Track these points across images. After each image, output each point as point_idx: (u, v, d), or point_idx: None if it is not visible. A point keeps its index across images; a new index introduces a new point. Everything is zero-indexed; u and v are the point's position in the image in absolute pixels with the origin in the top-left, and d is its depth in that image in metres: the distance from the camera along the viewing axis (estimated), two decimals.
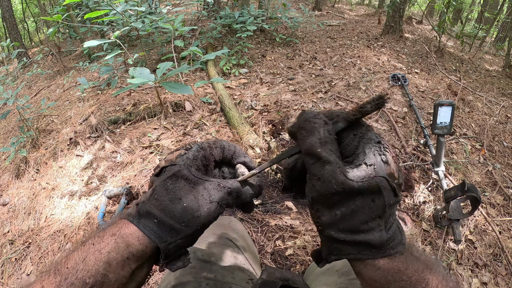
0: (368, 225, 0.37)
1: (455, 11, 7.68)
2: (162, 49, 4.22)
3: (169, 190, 0.42)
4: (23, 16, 9.19)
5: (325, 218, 0.38)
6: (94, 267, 0.37)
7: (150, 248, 0.40)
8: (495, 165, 2.33)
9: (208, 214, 0.42)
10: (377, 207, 0.37)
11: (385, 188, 0.37)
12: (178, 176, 0.43)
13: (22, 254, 1.83)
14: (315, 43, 4.87)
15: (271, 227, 1.74)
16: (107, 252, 0.38)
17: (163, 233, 0.40)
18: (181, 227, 0.40)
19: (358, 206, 0.36)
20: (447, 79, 3.54)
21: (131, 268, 0.39)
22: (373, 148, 0.40)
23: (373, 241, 0.37)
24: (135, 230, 0.40)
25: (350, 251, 0.38)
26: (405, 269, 0.37)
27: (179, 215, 0.40)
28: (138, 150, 2.37)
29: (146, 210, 0.41)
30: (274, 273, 0.84)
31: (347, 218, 0.37)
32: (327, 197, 0.37)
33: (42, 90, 4.28)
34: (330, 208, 0.37)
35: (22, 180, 2.40)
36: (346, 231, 0.37)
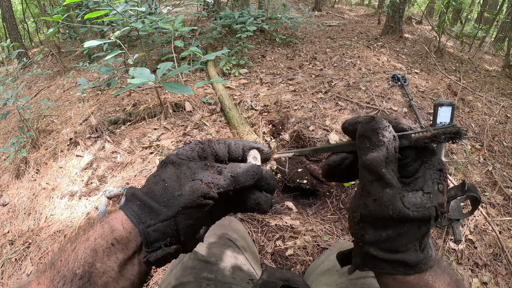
0: (406, 246, 0.38)
1: (454, 11, 7.68)
2: (162, 50, 4.22)
3: (156, 175, 0.41)
4: (23, 17, 9.20)
5: (369, 237, 0.38)
6: (83, 255, 0.35)
7: (134, 236, 0.37)
8: (495, 165, 2.33)
9: (191, 192, 0.38)
10: (421, 233, 0.38)
11: (433, 217, 0.37)
12: (166, 162, 0.42)
13: (22, 254, 1.83)
14: (315, 43, 4.87)
15: (272, 227, 1.74)
16: (94, 238, 0.36)
17: (143, 215, 0.38)
18: (160, 207, 0.38)
19: (405, 231, 0.37)
20: (447, 79, 3.54)
21: (118, 258, 0.37)
22: (433, 175, 0.39)
23: (409, 260, 0.37)
24: (121, 214, 0.39)
25: (385, 267, 0.38)
26: (434, 282, 0.38)
27: (159, 195, 0.38)
28: (138, 150, 2.37)
29: (131, 193, 0.40)
30: (275, 273, 0.84)
31: (390, 240, 0.37)
32: (378, 219, 0.37)
33: (42, 91, 4.28)
34: (376, 229, 0.38)
35: (22, 181, 2.39)
36: (385, 251, 0.38)
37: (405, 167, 0.40)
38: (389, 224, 0.37)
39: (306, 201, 2.03)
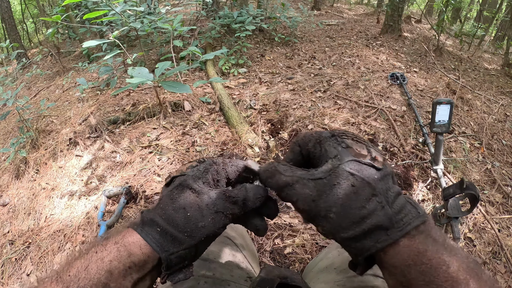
0: (366, 208, 0.36)
1: (454, 10, 7.68)
2: (161, 49, 4.22)
3: (174, 199, 0.42)
4: (22, 17, 9.19)
5: (327, 227, 0.38)
6: (96, 275, 0.36)
7: (152, 258, 0.39)
8: (494, 163, 2.34)
9: (213, 225, 0.41)
10: (361, 189, 0.36)
11: (358, 168, 0.37)
12: (184, 185, 0.43)
13: (22, 254, 1.83)
14: (314, 42, 4.87)
15: (270, 225, 1.74)
16: (109, 260, 0.37)
17: (165, 243, 0.39)
18: (184, 237, 0.39)
19: (343, 197, 0.36)
20: (446, 78, 3.54)
21: (133, 278, 0.38)
22: (331, 142, 0.41)
23: (380, 221, 0.36)
24: (138, 238, 0.39)
25: (368, 244, 0.36)
26: (425, 250, 0.35)
27: (182, 225, 0.40)
28: (138, 150, 2.38)
29: (150, 218, 0.41)
30: (273, 271, 0.84)
31: (342, 214, 0.36)
32: (312, 209, 0.38)
33: (42, 91, 4.28)
34: (324, 216, 0.37)
35: (22, 181, 2.40)
36: (351, 226, 0.36)
37: (315, 160, 0.43)
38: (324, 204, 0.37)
39: None
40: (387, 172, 0.39)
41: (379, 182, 0.37)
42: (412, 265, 0.35)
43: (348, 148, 0.40)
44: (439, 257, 0.35)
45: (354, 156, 0.38)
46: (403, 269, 0.35)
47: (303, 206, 0.38)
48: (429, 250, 0.35)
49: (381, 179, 0.38)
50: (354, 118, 2.63)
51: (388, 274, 0.38)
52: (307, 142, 0.45)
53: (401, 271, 0.36)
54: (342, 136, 0.42)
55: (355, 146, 0.40)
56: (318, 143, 0.43)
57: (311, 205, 0.37)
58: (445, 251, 0.35)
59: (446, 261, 0.34)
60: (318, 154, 0.42)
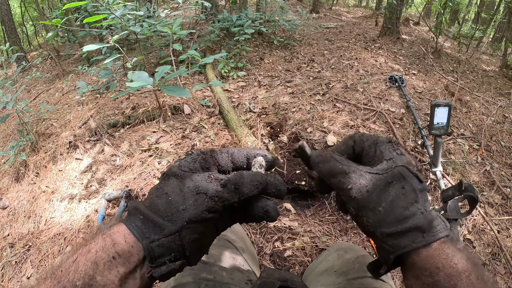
0: (409, 210, 0.39)
1: (452, 12, 7.72)
2: (161, 53, 4.23)
3: (159, 188, 0.41)
4: (22, 20, 9.21)
5: (372, 219, 0.40)
6: (83, 267, 0.35)
7: (137, 249, 0.37)
8: (493, 164, 2.35)
9: (195, 207, 0.38)
10: (409, 192, 0.41)
11: (407, 175, 0.42)
12: (169, 174, 0.42)
13: (22, 257, 1.83)
14: (312, 45, 4.89)
15: (270, 228, 1.74)
16: (95, 251, 0.36)
17: (146, 229, 0.37)
18: (165, 221, 0.37)
19: (393, 195, 0.40)
20: (444, 80, 3.56)
21: (119, 272, 0.36)
22: (387, 147, 0.45)
23: (420, 222, 0.39)
24: (123, 228, 0.38)
25: (405, 242, 0.39)
26: (453, 256, 0.38)
27: (163, 209, 0.38)
28: (137, 153, 2.38)
29: (133, 206, 0.40)
30: (273, 274, 0.85)
31: (389, 210, 0.40)
32: (365, 199, 0.41)
33: (41, 94, 4.29)
34: (373, 209, 0.40)
35: (22, 184, 2.40)
36: (394, 223, 0.39)
37: (367, 158, 0.47)
38: (376, 197, 0.40)
39: (304, 203, 2.04)
40: (426, 187, 0.43)
41: (420, 192, 0.42)
42: (441, 268, 0.37)
43: (402, 156, 0.44)
44: (463, 263, 0.37)
45: (406, 164, 0.43)
46: (432, 271, 0.38)
47: (356, 194, 0.41)
48: (456, 256, 0.38)
49: (422, 191, 0.42)
50: (353, 121, 2.64)
51: (415, 276, 0.40)
52: (364, 140, 0.48)
53: (430, 273, 0.38)
54: (398, 144, 0.46)
55: (407, 156, 0.45)
56: (375, 144, 0.46)
57: (364, 195, 0.41)
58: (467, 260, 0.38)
59: (469, 268, 0.37)
60: (372, 154, 0.46)
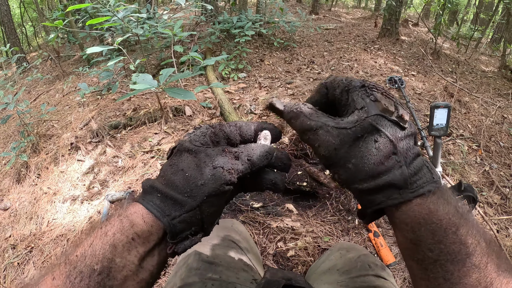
0: (384, 165, 0.36)
1: (450, 13, 7.76)
2: (161, 54, 4.25)
3: (173, 164, 0.40)
4: (21, 21, 9.22)
5: (343, 176, 0.38)
6: (101, 251, 0.34)
7: (156, 228, 0.37)
8: (492, 165, 2.37)
9: (214, 181, 0.38)
10: (384, 144, 0.37)
11: (383, 124, 0.37)
12: (181, 150, 0.41)
13: (24, 258, 1.84)
14: (312, 47, 4.91)
15: (273, 229, 1.76)
16: (112, 233, 0.35)
17: (166, 207, 0.37)
18: (184, 198, 0.37)
19: (364, 150, 0.37)
20: (443, 81, 3.58)
21: (138, 252, 0.36)
22: (360, 93, 0.40)
23: (395, 179, 0.36)
24: (140, 208, 0.37)
25: (380, 199, 0.37)
26: (436, 210, 0.35)
27: (181, 186, 0.38)
28: (139, 154, 2.39)
29: (149, 185, 0.39)
30: (277, 273, 0.86)
31: (360, 167, 0.37)
32: (333, 157, 0.38)
33: (42, 95, 4.30)
34: (342, 166, 0.38)
35: (23, 185, 2.41)
36: (367, 179, 0.37)
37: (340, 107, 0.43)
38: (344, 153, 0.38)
39: (306, 203, 2.05)
40: (411, 132, 0.39)
41: (401, 141, 0.38)
42: (423, 223, 0.35)
43: (376, 102, 0.39)
44: (449, 218, 0.35)
45: (381, 111, 0.38)
46: (413, 226, 0.36)
47: (323, 152, 0.39)
48: (440, 211, 0.35)
49: (404, 138, 0.38)
50: None
51: (398, 229, 0.38)
52: (335, 87, 0.44)
53: (411, 228, 0.36)
54: (372, 88, 0.41)
55: (384, 101, 0.39)
56: (346, 91, 0.42)
57: (332, 153, 0.38)
58: (456, 214, 0.35)
59: (456, 223, 0.35)
60: (345, 102, 0.42)
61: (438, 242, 0.34)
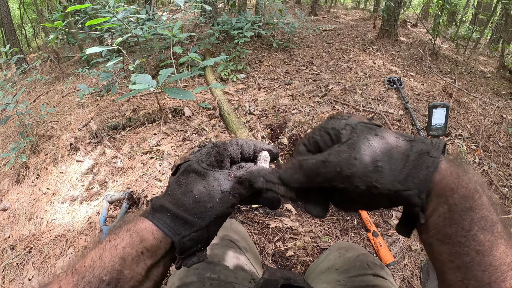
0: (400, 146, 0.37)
1: (449, 14, 7.78)
2: (161, 55, 4.25)
3: (181, 184, 0.43)
4: (21, 22, 9.22)
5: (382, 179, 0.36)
6: (110, 263, 0.36)
7: (164, 243, 0.40)
8: (490, 164, 2.37)
9: (221, 204, 0.42)
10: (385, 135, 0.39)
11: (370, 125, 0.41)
12: (189, 170, 0.44)
13: (23, 259, 1.84)
14: (311, 48, 4.92)
15: (272, 229, 1.76)
16: (122, 247, 0.38)
17: (176, 226, 0.40)
18: (195, 219, 0.40)
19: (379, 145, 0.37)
20: (442, 81, 3.59)
21: (146, 264, 0.39)
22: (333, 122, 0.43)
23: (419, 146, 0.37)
24: (150, 225, 0.40)
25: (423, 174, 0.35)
26: (462, 175, 0.35)
27: (191, 207, 0.41)
28: (139, 155, 2.40)
29: (159, 204, 0.42)
30: (276, 273, 0.86)
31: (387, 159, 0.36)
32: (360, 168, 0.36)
33: (41, 96, 4.30)
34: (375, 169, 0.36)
35: (23, 186, 2.41)
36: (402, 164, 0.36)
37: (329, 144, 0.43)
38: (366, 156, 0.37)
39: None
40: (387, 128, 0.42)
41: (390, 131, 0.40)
42: (455, 189, 0.34)
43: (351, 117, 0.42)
44: (473, 183, 0.35)
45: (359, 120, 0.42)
46: (447, 195, 0.35)
47: (349, 170, 0.36)
48: (464, 175, 0.35)
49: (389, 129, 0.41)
50: None
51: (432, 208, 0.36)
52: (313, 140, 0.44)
53: (445, 199, 0.35)
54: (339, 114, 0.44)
55: (355, 114, 0.44)
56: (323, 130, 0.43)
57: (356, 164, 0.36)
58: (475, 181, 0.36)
59: (478, 189, 0.35)
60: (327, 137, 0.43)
61: (469, 209, 0.34)
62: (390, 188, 0.35)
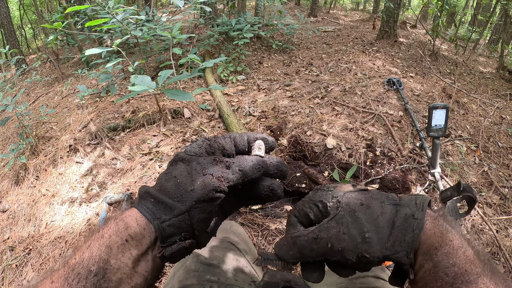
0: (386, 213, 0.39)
1: (448, 15, 7.79)
2: (160, 57, 4.25)
3: (167, 172, 0.43)
4: (21, 23, 9.23)
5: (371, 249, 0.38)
6: (97, 252, 0.36)
7: (148, 231, 0.39)
8: (490, 165, 2.37)
9: (203, 187, 0.40)
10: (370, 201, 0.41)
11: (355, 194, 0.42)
12: (176, 159, 0.44)
13: (22, 260, 1.83)
14: (311, 49, 4.92)
15: (271, 231, 1.75)
16: (108, 235, 0.37)
17: (157, 211, 0.39)
18: (174, 202, 0.39)
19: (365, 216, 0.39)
20: (441, 82, 3.59)
21: (131, 254, 0.37)
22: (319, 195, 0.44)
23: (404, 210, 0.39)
24: (135, 212, 0.40)
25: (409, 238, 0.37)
26: (446, 232, 0.37)
27: (172, 191, 0.40)
28: (138, 156, 2.39)
29: (144, 191, 0.42)
30: (276, 275, 0.86)
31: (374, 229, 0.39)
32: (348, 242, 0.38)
33: (40, 97, 4.29)
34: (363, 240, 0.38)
35: (22, 187, 2.40)
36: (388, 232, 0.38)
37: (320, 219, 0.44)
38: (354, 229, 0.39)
39: None
40: (375, 190, 0.43)
41: (376, 194, 0.42)
42: (438, 247, 0.37)
43: (336, 188, 0.44)
44: (457, 239, 0.37)
45: (344, 190, 0.43)
46: (431, 253, 0.37)
47: (339, 245, 0.38)
48: (449, 233, 0.37)
49: (377, 193, 0.42)
50: (351, 124, 2.66)
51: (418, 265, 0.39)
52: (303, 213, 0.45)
53: (430, 257, 0.37)
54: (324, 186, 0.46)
55: (340, 185, 0.45)
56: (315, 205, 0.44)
57: (346, 238, 0.38)
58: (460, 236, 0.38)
59: (463, 244, 0.37)
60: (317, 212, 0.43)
61: (453, 265, 0.36)
62: (379, 256, 0.38)
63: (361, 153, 2.34)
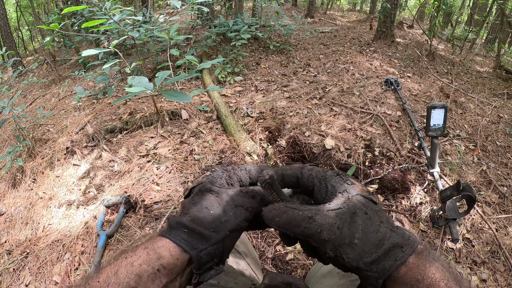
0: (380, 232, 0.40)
1: (445, 15, 7.83)
2: (157, 58, 4.24)
3: (196, 202, 0.45)
4: (18, 25, 9.19)
5: (352, 254, 0.39)
6: (125, 279, 0.37)
7: (181, 261, 0.41)
8: (489, 164, 2.37)
9: (235, 218, 0.44)
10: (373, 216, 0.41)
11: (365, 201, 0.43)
12: (203, 190, 0.47)
13: (20, 264, 1.81)
14: (308, 50, 4.93)
15: (271, 232, 1.75)
16: (138, 264, 0.38)
17: (193, 241, 0.41)
18: (210, 233, 0.42)
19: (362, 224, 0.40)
20: (439, 82, 3.60)
21: (161, 282, 0.39)
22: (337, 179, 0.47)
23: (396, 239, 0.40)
24: (167, 242, 0.41)
25: (389, 263, 0.38)
26: (430, 266, 0.38)
27: (207, 222, 0.42)
28: (136, 159, 2.38)
29: (176, 221, 0.43)
30: (276, 277, 0.85)
31: (364, 239, 0.39)
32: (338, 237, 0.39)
33: (37, 99, 4.27)
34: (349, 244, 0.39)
35: (19, 190, 2.38)
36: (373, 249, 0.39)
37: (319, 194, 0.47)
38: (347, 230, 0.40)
39: None
40: (381, 207, 0.45)
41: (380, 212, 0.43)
42: (420, 280, 0.37)
43: (353, 185, 0.46)
44: (440, 272, 0.38)
45: (360, 191, 0.45)
46: (412, 285, 0.38)
47: (328, 236, 0.39)
48: (432, 266, 0.38)
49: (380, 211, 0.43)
50: (350, 124, 2.66)
51: None
52: (313, 176, 0.49)
53: (411, 287, 0.38)
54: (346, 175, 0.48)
55: (357, 184, 0.46)
56: (324, 179, 0.47)
57: (337, 233, 0.39)
58: (443, 268, 0.39)
59: (446, 276, 0.38)
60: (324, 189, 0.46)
61: None
62: (353, 265, 0.39)
63: (359, 154, 2.33)
